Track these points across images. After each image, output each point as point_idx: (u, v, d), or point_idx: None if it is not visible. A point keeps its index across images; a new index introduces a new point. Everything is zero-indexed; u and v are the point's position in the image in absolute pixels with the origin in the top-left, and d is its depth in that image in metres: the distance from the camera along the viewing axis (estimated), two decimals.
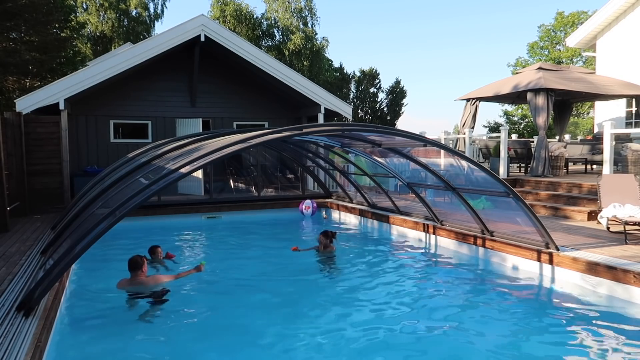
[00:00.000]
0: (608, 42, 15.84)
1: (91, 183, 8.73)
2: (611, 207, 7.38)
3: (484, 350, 4.74)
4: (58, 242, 6.45)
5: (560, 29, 35.75)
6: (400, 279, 7.14)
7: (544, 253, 6.51)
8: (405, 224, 9.68)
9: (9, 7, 14.45)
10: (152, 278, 6.03)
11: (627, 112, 15.41)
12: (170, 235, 10.38)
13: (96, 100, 13.48)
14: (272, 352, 4.72)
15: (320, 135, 7.72)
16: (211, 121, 15.17)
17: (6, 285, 5.34)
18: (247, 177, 15.12)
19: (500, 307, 5.90)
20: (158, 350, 4.82)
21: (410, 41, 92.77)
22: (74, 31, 22.12)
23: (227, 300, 6.27)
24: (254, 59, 13.53)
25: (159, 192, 7.42)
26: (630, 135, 12.00)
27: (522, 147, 13.19)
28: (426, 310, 5.90)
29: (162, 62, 13.67)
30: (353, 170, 11.91)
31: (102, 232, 4.39)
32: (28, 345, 3.76)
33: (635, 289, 5.41)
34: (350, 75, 38.73)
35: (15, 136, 10.86)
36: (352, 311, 5.78)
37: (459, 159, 8.60)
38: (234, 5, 33.76)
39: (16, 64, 15.55)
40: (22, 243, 7.66)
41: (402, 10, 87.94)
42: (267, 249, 9.21)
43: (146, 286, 5.86)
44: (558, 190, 10.40)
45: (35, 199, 11.22)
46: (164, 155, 6.38)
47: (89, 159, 13.59)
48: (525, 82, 11.98)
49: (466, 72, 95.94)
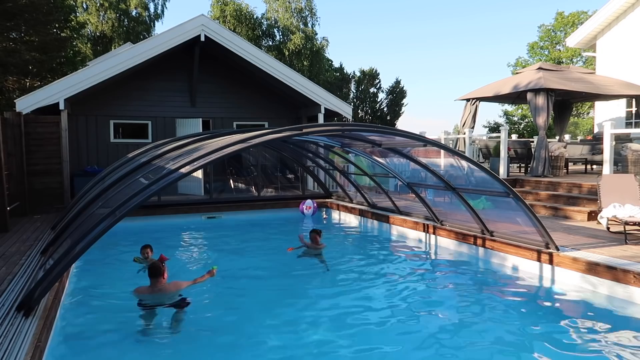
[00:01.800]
0: (608, 42, 15.84)
1: (91, 183, 8.72)
2: (611, 207, 7.38)
3: (484, 350, 4.74)
4: (58, 242, 6.45)
5: (560, 29, 35.77)
6: (400, 278, 7.14)
7: (544, 253, 6.51)
8: (405, 224, 9.69)
9: (9, 7, 14.47)
10: (173, 284, 5.78)
11: (627, 112, 15.41)
12: (170, 235, 10.39)
13: (96, 100, 13.49)
14: (272, 351, 4.73)
15: (320, 135, 7.72)
16: (211, 121, 15.17)
17: (6, 285, 5.34)
18: (247, 177, 15.11)
19: (500, 307, 5.90)
20: (158, 350, 4.82)
21: (410, 41, 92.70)
22: (74, 31, 22.17)
23: (228, 299, 6.27)
24: (254, 59, 13.53)
25: (159, 192, 7.42)
26: (630, 135, 12.00)
27: (522, 147, 13.19)
28: (426, 310, 5.91)
29: (162, 62, 13.68)
30: (353, 170, 11.92)
31: (102, 232, 4.39)
32: (28, 345, 3.76)
33: (635, 289, 5.41)
34: (350, 75, 38.74)
35: (15, 136, 10.87)
36: (352, 311, 5.77)
37: (459, 159, 8.60)
38: (234, 5, 33.77)
39: (16, 64, 15.57)
40: (22, 243, 7.66)
41: (402, 10, 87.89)
42: (267, 249, 9.20)
43: (167, 293, 5.65)
44: (558, 190, 10.40)
45: (35, 199, 11.23)
46: (164, 155, 6.37)
47: (89, 159, 13.59)
48: (525, 82, 11.99)
49: (466, 72, 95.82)
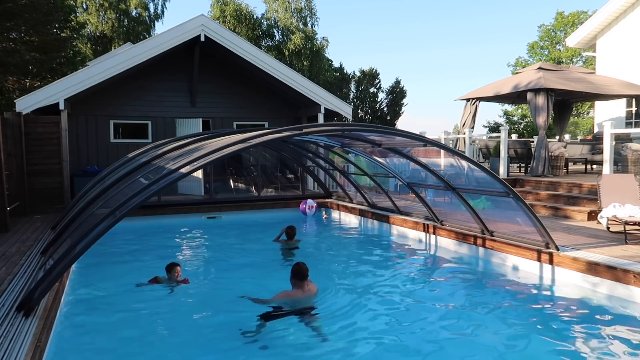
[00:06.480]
0: (608, 42, 15.84)
1: (91, 183, 8.72)
2: (611, 207, 7.38)
3: (484, 350, 4.74)
4: (58, 242, 6.45)
5: (560, 29, 35.75)
6: (400, 278, 7.14)
7: (544, 253, 6.51)
8: (405, 223, 9.68)
9: (9, 7, 14.45)
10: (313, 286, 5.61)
11: (627, 112, 15.41)
12: (170, 235, 10.39)
13: (96, 100, 13.49)
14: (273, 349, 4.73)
15: (320, 135, 7.71)
16: (211, 121, 15.17)
17: (6, 285, 5.34)
18: (247, 177, 15.11)
19: (500, 307, 5.90)
20: (157, 349, 4.82)
21: (410, 41, 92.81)
22: (74, 31, 22.14)
23: (228, 300, 6.28)
24: (254, 59, 13.53)
25: (159, 192, 7.40)
26: (630, 135, 12.00)
27: (522, 147, 13.19)
28: (426, 310, 5.90)
29: (162, 62, 13.68)
30: (353, 170, 11.91)
31: (102, 232, 4.39)
32: (28, 345, 3.76)
33: (636, 288, 5.41)
34: (350, 75, 38.75)
35: (15, 136, 10.87)
36: (351, 311, 5.77)
37: (459, 159, 8.60)
38: (234, 5, 33.76)
39: (16, 64, 15.55)
40: (22, 243, 7.65)
41: (402, 10, 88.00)
42: (267, 248, 9.20)
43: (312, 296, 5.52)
44: (558, 190, 10.40)
45: (35, 199, 11.23)
46: (164, 155, 6.37)
47: (89, 159, 13.59)
48: (525, 82, 11.98)
49: (466, 72, 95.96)
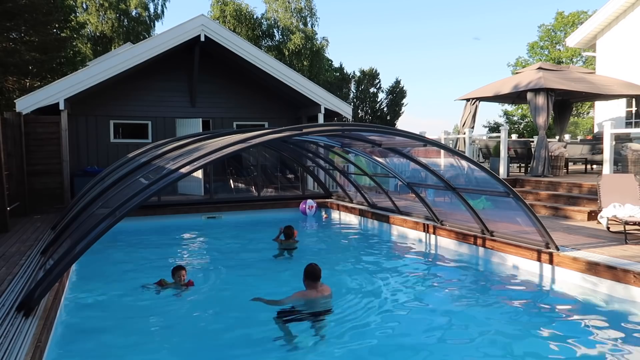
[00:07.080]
0: (608, 42, 15.84)
1: (91, 183, 8.72)
2: (611, 207, 7.38)
3: (484, 349, 4.74)
4: (58, 242, 6.45)
5: (560, 29, 35.76)
6: (400, 278, 7.13)
7: (544, 253, 6.51)
8: (405, 223, 9.68)
9: (9, 7, 14.47)
10: (326, 287, 5.51)
11: (627, 112, 15.40)
12: (170, 235, 10.38)
13: (96, 100, 13.48)
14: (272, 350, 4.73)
15: (320, 135, 7.71)
16: (211, 121, 15.16)
17: (6, 285, 5.34)
18: (247, 177, 15.11)
19: (500, 306, 5.90)
20: (157, 349, 4.82)
21: (410, 41, 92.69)
22: (74, 31, 22.18)
23: (229, 299, 6.27)
24: (254, 59, 13.53)
25: (159, 192, 7.41)
26: (630, 135, 11.99)
27: (522, 147, 13.19)
28: (426, 310, 5.90)
29: (162, 62, 13.67)
30: (353, 170, 11.91)
31: (102, 232, 4.39)
32: (28, 345, 3.76)
33: (636, 288, 5.41)
34: (350, 75, 38.75)
35: (15, 136, 10.86)
36: (351, 311, 5.77)
37: (459, 159, 8.59)
38: (234, 5, 33.78)
39: (16, 64, 15.58)
40: (22, 243, 7.65)
41: (402, 10, 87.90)
42: (266, 248, 9.19)
43: (326, 297, 5.42)
44: (558, 190, 10.40)
45: (35, 199, 11.22)
46: (164, 155, 6.37)
47: (89, 159, 13.59)
48: (525, 82, 11.98)
49: (466, 72, 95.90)
